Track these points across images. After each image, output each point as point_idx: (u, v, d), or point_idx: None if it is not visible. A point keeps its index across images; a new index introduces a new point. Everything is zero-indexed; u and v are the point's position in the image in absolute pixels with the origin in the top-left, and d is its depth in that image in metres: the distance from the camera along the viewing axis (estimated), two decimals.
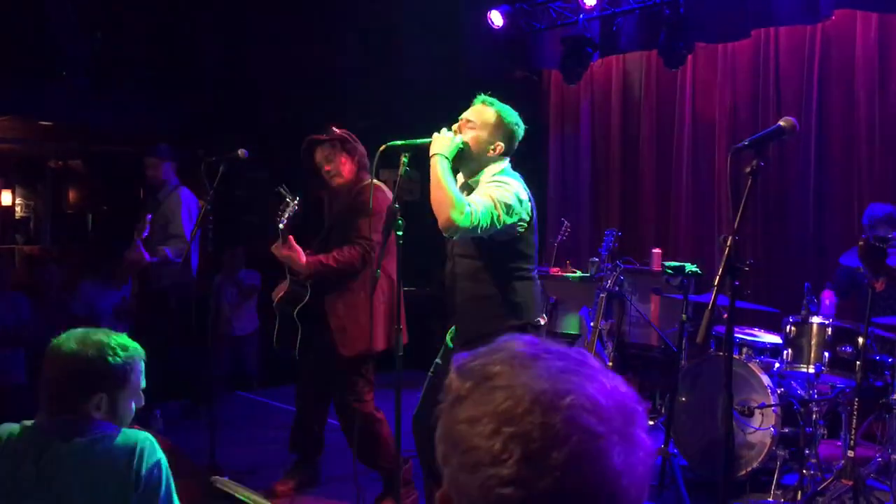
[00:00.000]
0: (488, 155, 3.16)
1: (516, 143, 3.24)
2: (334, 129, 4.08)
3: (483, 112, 3.17)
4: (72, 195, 14.76)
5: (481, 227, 2.92)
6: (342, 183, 4.06)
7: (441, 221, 2.92)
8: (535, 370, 0.79)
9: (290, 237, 3.87)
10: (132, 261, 5.05)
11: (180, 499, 2.02)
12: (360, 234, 3.89)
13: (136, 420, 2.85)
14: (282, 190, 3.90)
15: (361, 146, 4.10)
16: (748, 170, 2.23)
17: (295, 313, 4.00)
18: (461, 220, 2.87)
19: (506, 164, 3.21)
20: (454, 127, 3.18)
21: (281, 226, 3.83)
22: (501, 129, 3.16)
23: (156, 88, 7.93)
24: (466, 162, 3.19)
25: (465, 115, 3.21)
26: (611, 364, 5.23)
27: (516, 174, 3.20)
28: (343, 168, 4.04)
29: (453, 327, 3.38)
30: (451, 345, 3.39)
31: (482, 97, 3.22)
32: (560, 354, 0.83)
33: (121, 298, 6.03)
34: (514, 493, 0.73)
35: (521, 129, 3.23)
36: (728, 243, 2.15)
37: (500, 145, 3.16)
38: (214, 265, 4.59)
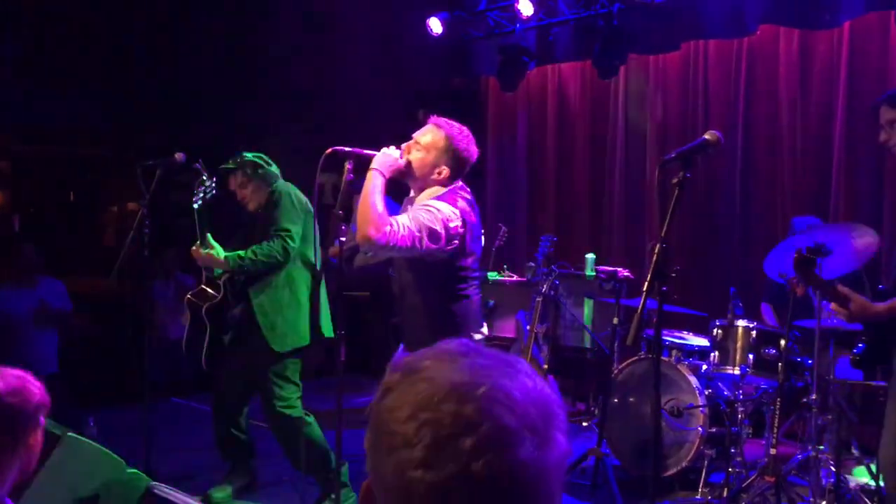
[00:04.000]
0: (433, 177, 3.10)
1: (466, 168, 3.16)
2: (245, 154, 4.11)
3: (432, 134, 3.10)
4: None
5: (398, 248, 2.91)
6: (256, 207, 4.12)
7: (359, 236, 2.93)
8: (458, 364, 0.83)
9: (208, 234, 3.89)
10: None
11: None
12: (278, 226, 3.93)
13: (69, 427, 2.82)
14: (198, 167, 3.88)
15: (274, 168, 4.15)
16: (675, 181, 2.33)
17: (203, 310, 4.01)
18: (377, 237, 2.85)
19: (447, 189, 3.11)
20: (404, 145, 3.13)
21: (196, 206, 3.84)
22: (449, 153, 3.08)
23: (88, 89, 7.76)
24: (412, 180, 3.17)
25: (415, 134, 3.14)
26: (546, 367, 5.34)
27: (460, 196, 3.11)
28: (256, 194, 4.11)
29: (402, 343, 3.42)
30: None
31: (435, 119, 3.15)
32: (488, 355, 0.86)
33: (38, 302, 5.88)
34: (423, 476, 0.76)
35: (471, 155, 3.14)
36: (656, 251, 2.25)
37: (446, 170, 3.08)
38: (150, 269, 4.52)
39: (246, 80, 7.47)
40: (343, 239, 3.05)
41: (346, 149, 3.07)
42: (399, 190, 3.33)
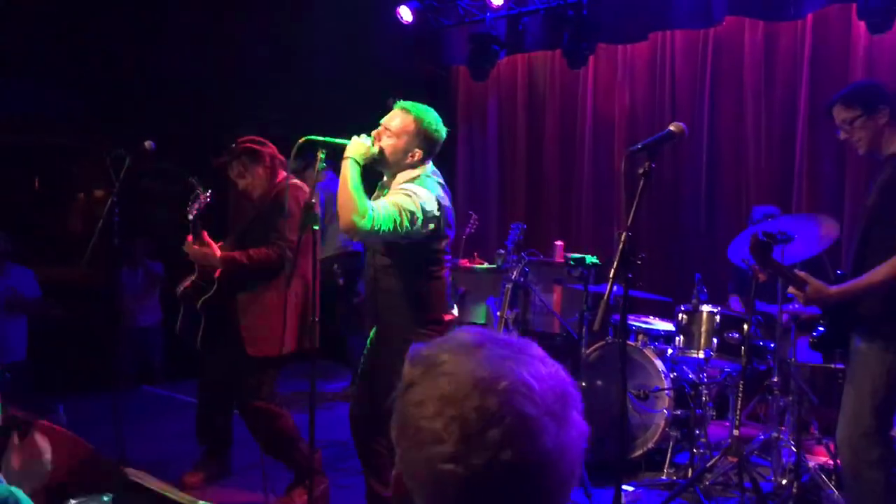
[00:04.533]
0: (406, 161, 3.18)
1: (437, 148, 3.25)
2: (238, 141, 4.07)
3: (401, 118, 3.17)
4: None
5: (382, 232, 2.98)
6: (260, 193, 4.07)
7: (342, 224, 3.00)
8: (477, 357, 0.88)
9: (204, 232, 3.86)
10: None
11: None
12: (279, 234, 3.87)
13: (39, 415, 2.82)
14: (193, 181, 3.88)
15: (269, 146, 4.09)
16: (641, 171, 2.40)
17: (199, 305, 4.00)
18: (362, 223, 2.93)
19: (421, 171, 3.20)
20: (374, 133, 3.19)
21: (191, 217, 3.82)
22: (420, 136, 3.17)
23: (53, 76, 7.66)
24: (386, 167, 3.23)
25: (384, 121, 3.20)
26: None
27: (435, 181, 3.21)
28: (257, 180, 4.05)
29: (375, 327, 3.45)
30: (369, 344, 3.45)
31: (401, 102, 3.21)
32: (503, 343, 0.91)
33: (8, 290, 5.84)
34: (454, 469, 0.82)
35: (441, 134, 3.23)
36: (622, 239, 2.32)
37: (419, 152, 3.17)
38: (119, 257, 4.50)
39: (216, 68, 7.43)
40: (317, 227, 3.07)
41: (318, 138, 3.10)
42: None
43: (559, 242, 6.45)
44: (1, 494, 1.88)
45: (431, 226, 3.12)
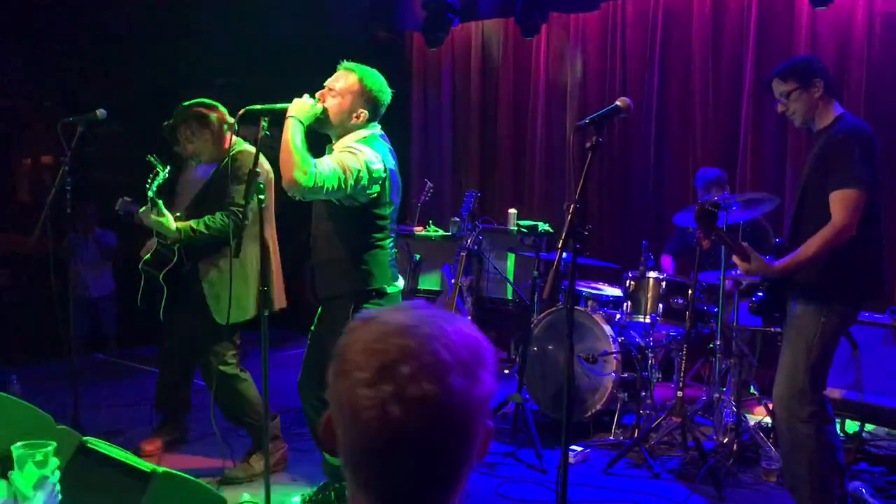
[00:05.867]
0: (352, 122, 3.17)
1: (382, 109, 3.25)
2: (183, 105, 4.03)
3: (345, 79, 3.16)
4: None
5: (326, 190, 2.95)
6: (210, 159, 4.05)
7: (284, 181, 2.95)
8: (408, 313, 1.00)
9: (159, 202, 3.84)
10: None
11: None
12: (233, 201, 3.86)
13: None
14: (153, 158, 3.87)
15: (217, 110, 4.05)
16: (588, 145, 2.48)
17: (161, 276, 4.00)
18: (304, 180, 2.89)
19: (369, 132, 3.20)
20: (318, 94, 3.17)
21: (150, 194, 3.80)
22: (364, 96, 3.16)
23: None
24: (332, 129, 3.21)
25: (328, 82, 3.19)
26: (470, 317, 5.52)
27: (382, 144, 3.21)
28: (205, 145, 4.02)
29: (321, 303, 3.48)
30: (316, 319, 3.48)
31: (345, 63, 3.20)
32: (435, 308, 1.03)
33: None
34: (367, 393, 0.92)
35: (385, 95, 3.23)
36: (570, 210, 2.40)
37: (364, 112, 3.17)
38: (71, 225, 4.45)
39: (162, 31, 7.28)
40: (262, 196, 3.06)
41: (258, 106, 3.06)
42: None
43: (512, 210, 6.54)
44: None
45: (376, 187, 3.11)
